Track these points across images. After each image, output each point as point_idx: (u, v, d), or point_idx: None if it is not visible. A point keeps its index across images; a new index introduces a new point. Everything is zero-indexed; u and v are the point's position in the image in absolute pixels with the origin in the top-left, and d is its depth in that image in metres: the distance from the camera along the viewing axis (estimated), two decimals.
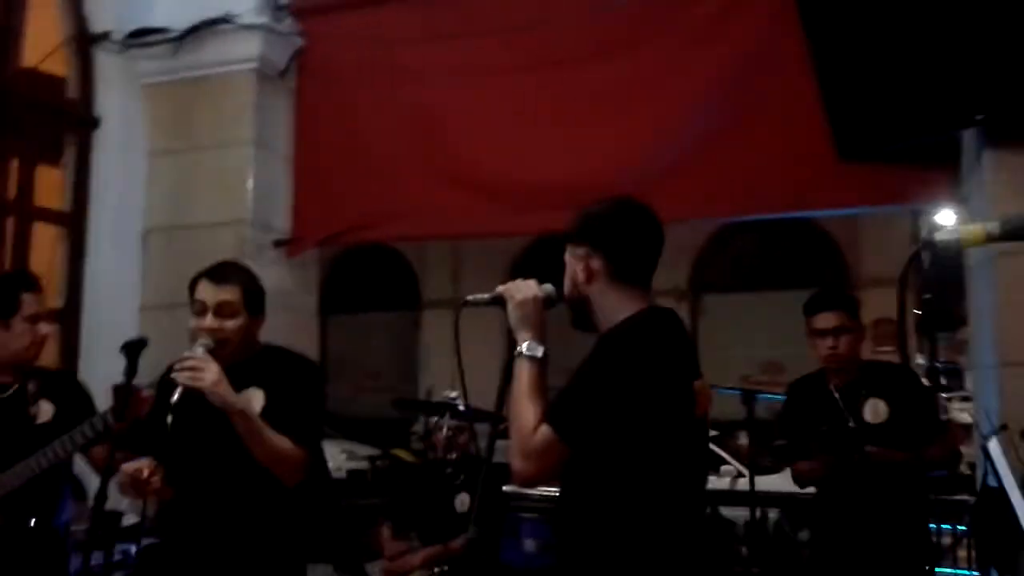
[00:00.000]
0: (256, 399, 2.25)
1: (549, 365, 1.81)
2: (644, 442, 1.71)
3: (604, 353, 1.76)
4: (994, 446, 1.84)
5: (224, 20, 4.26)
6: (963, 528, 3.45)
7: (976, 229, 0.99)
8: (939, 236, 1.05)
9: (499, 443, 1.95)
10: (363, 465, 13.48)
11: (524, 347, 1.81)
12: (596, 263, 1.83)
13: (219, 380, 2.12)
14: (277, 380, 2.29)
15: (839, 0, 3.30)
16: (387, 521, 4.02)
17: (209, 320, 2.25)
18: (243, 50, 4.35)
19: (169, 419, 2.11)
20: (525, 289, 1.86)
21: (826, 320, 3.06)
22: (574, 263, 1.86)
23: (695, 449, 1.85)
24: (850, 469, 2.95)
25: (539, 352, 1.80)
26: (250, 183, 4.40)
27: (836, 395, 3.08)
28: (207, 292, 2.27)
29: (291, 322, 4.14)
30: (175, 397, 2.12)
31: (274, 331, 2.43)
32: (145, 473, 2.11)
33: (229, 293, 2.27)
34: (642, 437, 1.70)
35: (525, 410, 1.74)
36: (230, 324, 2.26)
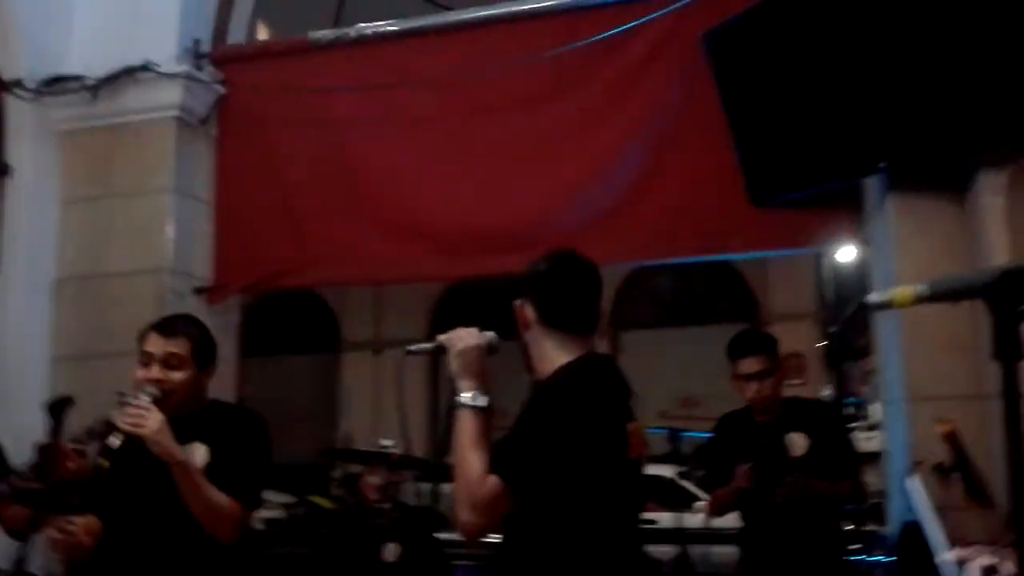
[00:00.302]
0: (199, 454, 2.22)
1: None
2: (583, 486, 1.76)
3: (541, 402, 1.81)
4: (912, 483, 1.95)
5: (144, 68, 4.19)
6: (876, 559, 3.62)
7: (907, 292, 1.09)
8: (872, 299, 1.14)
9: (425, 488, 2.00)
10: (279, 513, 13.06)
11: (468, 397, 1.81)
12: (529, 312, 1.90)
13: (161, 428, 2.09)
14: (222, 436, 2.27)
15: (749, 56, 3.50)
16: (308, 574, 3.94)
17: (155, 371, 2.22)
18: (163, 98, 4.28)
19: (104, 463, 2.08)
20: (467, 337, 1.87)
21: (750, 365, 3.21)
22: (518, 314, 1.93)
23: (630, 490, 1.91)
24: (773, 501, 3.08)
25: (483, 402, 1.81)
26: (170, 230, 4.31)
27: (759, 430, 3.23)
28: (155, 344, 2.25)
29: None
30: (116, 442, 2.08)
31: None
32: (78, 527, 2.05)
33: (177, 346, 2.25)
34: (581, 482, 1.75)
35: (470, 461, 1.75)
36: (176, 376, 2.24)
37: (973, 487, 2.67)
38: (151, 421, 2.09)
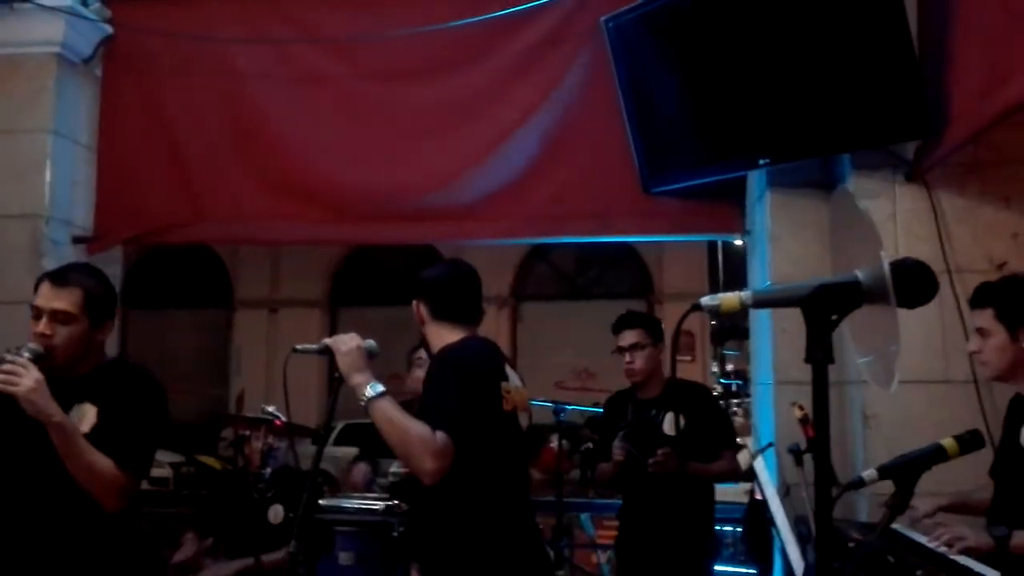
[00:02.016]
0: (87, 416, 2.14)
1: None
2: (480, 432, 2.11)
3: (439, 368, 2.18)
4: (759, 463, 2.09)
5: None
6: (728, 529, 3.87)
7: (733, 298, 1.18)
8: (704, 302, 1.22)
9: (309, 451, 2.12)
10: (166, 472, 12.74)
11: (368, 390, 2.09)
12: (423, 309, 2.34)
13: (36, 388, 2.00)
14: (113, 397, 2.17)
15: (646, 45, 3.58)
16: (192, 531, 3.89)
17: (42, 325, 2.12)
18: (43, 32, 4.03)
19: None
20: (348, 340, 2.18)
21: (624, 338, 3.42)
22: (416, 312, 2.35)
23: (510, 436, 2.26)
24: (646, 474, 3.23)
25: (381, 388, 2.11)
26: (47, 173, 4.09)
27: (630, 407, 3.42)
28: (44, 296, 2.15)
29: None
30: None
31: None
32: None
33: (67, 299, 2.15)
34: (479, 428, 2.11)
35: (413, 425, 2.05)
36: (64, 331, 2.14)
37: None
38: (25, 380, 2.00)
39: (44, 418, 2.02)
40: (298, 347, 2.20)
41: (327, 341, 2.19)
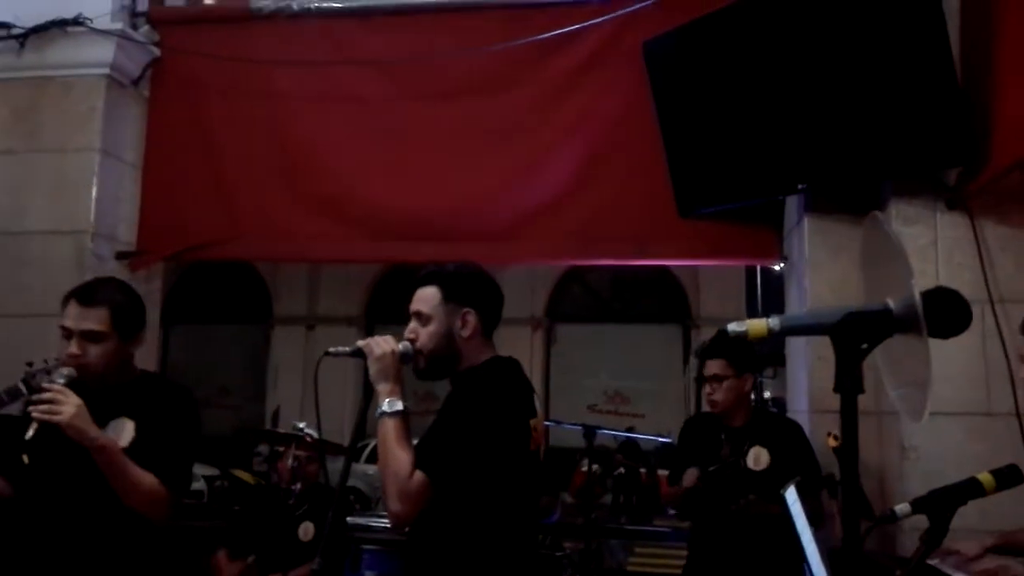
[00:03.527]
0: (126, 430, 2.16)
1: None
2: (496, 477, 1.96)
3: (461, 400, 1.99)
4: (790, 494, 2.05)
5: (76, 22, 4.07)
6: None
7: (761, 325, 1.16)
8: (731, 328, 1.21)
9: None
10: (200, 485, 12.84)
11: (385, 405, 1.97)
12: (472, 320, 2.07)
13: (77, 414, 2.02)
14: (150, 411, 2.19)
15: (685, 69, 3.58)
16: (224, 546, 3.92)
17: (73, 346, 2.14)
18: (94, 54, 4.15)
19: (25, 458, 2.01)
20: (384, 344, 2.02)
21: (708, 368, 3.29)
22: (449, 318, 2.07)
23: (532, 479, 2.10)
24: (728, 510, 3.12)
25: (399, 407, 1.97)
26: (94, 191, 4.20)
27: (723, 437, 3.27)
28: (73, 316, 2.16)
29: None
30: (30, 433, 2.00)
31: None
32: None
33: (95, 319, 2.16)
34: (494, 473, 1.95)
35: (396, 458, 1.91)
36: (95, 351, 2.15)
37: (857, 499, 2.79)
38: (66, 407, 2.01)
39: (87, 443, 2.04)
40: (331, 350, 2.05)
41: (361, 343, 2.05)
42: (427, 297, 2.10)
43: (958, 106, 2.87)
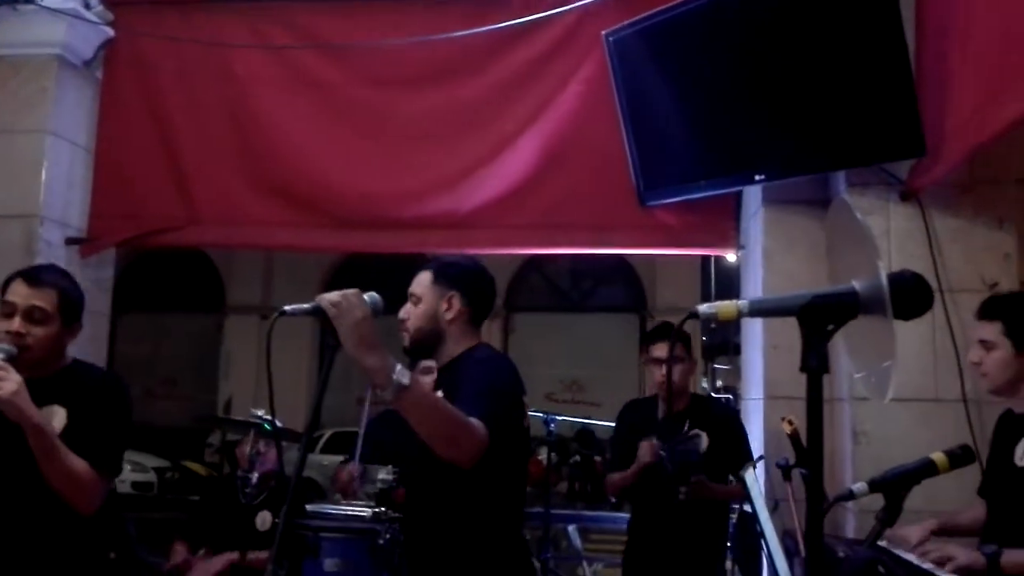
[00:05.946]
0: (57, 417, 2.11)
1: None
2: (509, 444, 2.02)
3: (481, 370, 2.06)
4: (749, 476, 2.10)
5: (26, 0, 3.95)
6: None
7: (731, 307, 1.19)
8: (702, 310, 1.24)
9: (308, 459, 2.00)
10: (150, 477, 12.62)
11: (396, 376, 1.69)
12: (458, 304, 2.16)
13: (19, 390, 1.97)
14: (81, 399, 2.16)
15: (646, 59, 3.61)
16: (182, 539, 3.88)
17: (16, 323, 2.09)
18: (45, 34, 4.04)
19: None
20: (355, 309, 1.70)
21: (660, 349, 3.35)
22: (436, 300, 2.16)
23: (525, 451, 2.22)
24: (671, 496, 3.17)
25: (406, 379, 1.71)
26: (43, 175, 4.09)
27: (666, 420, 3.34)
28: (19, 293, 2.12)
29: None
30: None
31: None
32: None
33: (43, 297, 2.13)
34: (509, 439, 2.01)
35: (455, 413, 1.83)
36: (38, 331, 2.12)
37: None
38: (8, 383, 1.96)
39: (24, 421, 1.99)
40: (288, 308, 1.72)
41: (324, 301, 1.71)
42: (421, 279, 2.20)
43: (910, 98, 2.94)
